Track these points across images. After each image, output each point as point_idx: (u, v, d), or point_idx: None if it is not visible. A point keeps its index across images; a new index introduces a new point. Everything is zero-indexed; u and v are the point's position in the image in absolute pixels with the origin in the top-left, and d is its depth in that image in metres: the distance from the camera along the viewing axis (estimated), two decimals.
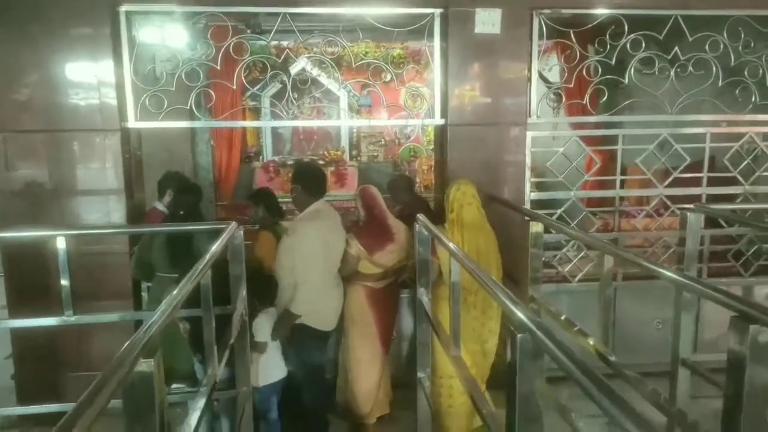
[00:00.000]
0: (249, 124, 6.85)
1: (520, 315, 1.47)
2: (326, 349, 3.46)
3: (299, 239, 3.19)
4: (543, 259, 3.16)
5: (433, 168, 8.77)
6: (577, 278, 4.11)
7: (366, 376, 3.60)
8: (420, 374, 3.08)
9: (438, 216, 3.77)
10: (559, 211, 3.95)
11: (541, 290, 3.14)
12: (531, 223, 3.00)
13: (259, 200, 3.69)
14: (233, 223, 2.84)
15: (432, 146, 9.53)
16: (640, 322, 4.14)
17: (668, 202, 4.08)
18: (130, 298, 3.66)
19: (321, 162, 8.99)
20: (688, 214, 2.86)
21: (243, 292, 2.94)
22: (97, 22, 3.48)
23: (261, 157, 8.79)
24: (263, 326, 3.26)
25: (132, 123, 3.66)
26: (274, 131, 9.22)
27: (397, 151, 9.52)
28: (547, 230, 3.11)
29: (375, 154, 9.49)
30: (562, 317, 3.02)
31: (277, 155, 8.90)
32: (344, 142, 9.35)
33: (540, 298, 3.11)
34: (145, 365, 1.25)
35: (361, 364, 3.59)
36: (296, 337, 3.32)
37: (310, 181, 3.35)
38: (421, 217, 2.98)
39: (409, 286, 4.07)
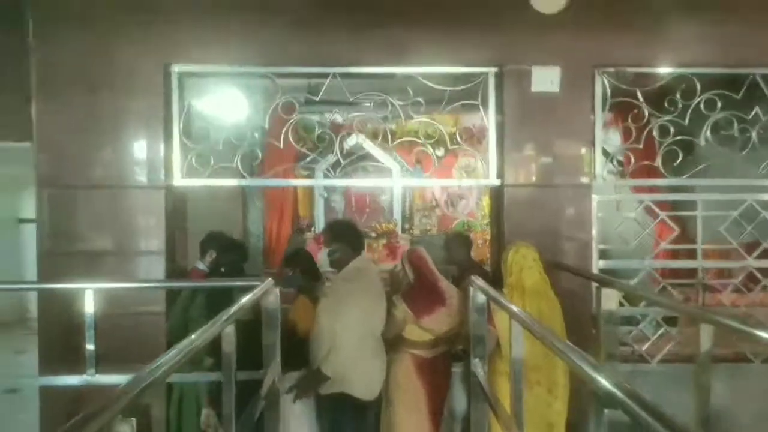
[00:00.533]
0: (298, 182, 6.65)
1: (606, 383, 1.14)
2: (365, 423, 3.09)
3: (340, 298, 2.96)
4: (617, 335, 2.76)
5: (488, 241, 8.52)
6: (656, 359, 3.62)
7: None
8: None
9: (495, 282, 3.44)
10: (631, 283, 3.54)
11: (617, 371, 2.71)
12: (603, 290, 2.64)
13: (297, 262, 3.48)
14: (269, 280, 2.62)
15: (487, 221, 9.27)
16: (736, 413, 3.56)
17: (759, 275, 3.61)
18: None
19: (373, 235, 8.83)
20: None
21: (277, 358, 2.67)
22: (150, 81, 3.49)
23: (312, 228, 8.69)
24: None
25: (177, 180, 3.57)
26: (327, 204, 9.17)
27: (451, 224, 9.28)
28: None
29: (428, 227, 9.26)
30: None
31: None
32: (397, 215, 9.19)
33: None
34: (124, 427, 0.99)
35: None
36: (330, 406, 3.02)
37: (349, 236, 3.16)
38: (476, 279, 2.68)
39: (462, 358, 3.69)
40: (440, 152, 8.61)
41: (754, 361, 3.59)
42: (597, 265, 3.59)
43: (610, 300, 2.63)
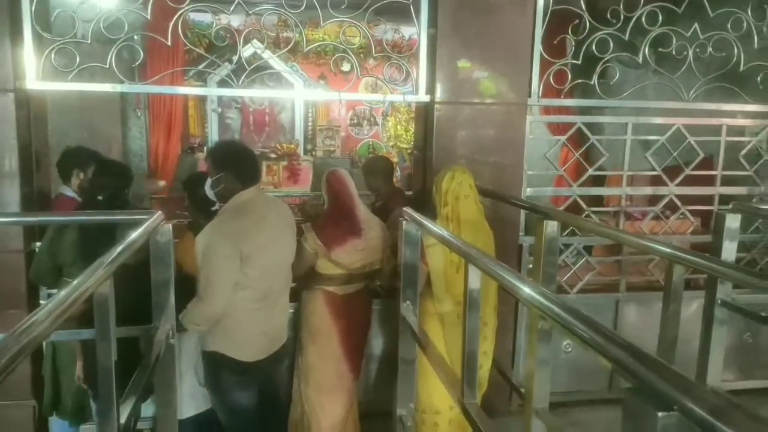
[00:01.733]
0: (186, 90, 5.65)
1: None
2: (251, 385, 2.56)
3: (209, 241, 2.35)
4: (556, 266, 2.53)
5: (395, 164, 8.20)
6: (575, 288, 3.53)
7: (329, 407, 2.88)
8: (400, 411, 2.41)
9: (422, 212, 3.10)
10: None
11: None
12: (546, 222, 2.37)
13: (190, 187, 2.80)
14: (158, 213, 2.08)
15: (392, 142, 8.93)
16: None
17: (678, 203, 3.55)
18: (25, 308, 2.82)
19: (273, 156, 8.22)
20: (727, 215, 2.29)
21: (171, 305, 2.19)
22: None
23: (205, 148, 7.91)
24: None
25: (32, 83, 2.82)
26: (221, 121, 8.38)
27: (355, 146, 8.86)
28: None
29: (332, 149, 8.78)
30: None
31: None
32: (298, 135, 8.62)
33: None
34: None
35: (323, 391, 2.86)
36: (208, 370, 2.54)
37: (236, 163, 2.46)
38: (407, 209, 2.31)
39: (380, 295, 3.39)
40: (347, 68, 8.13)
41: None
42: (525, 192, 3.35)
43: (553, 232, 2.37)
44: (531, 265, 3.20)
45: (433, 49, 3.08)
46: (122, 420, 1.58)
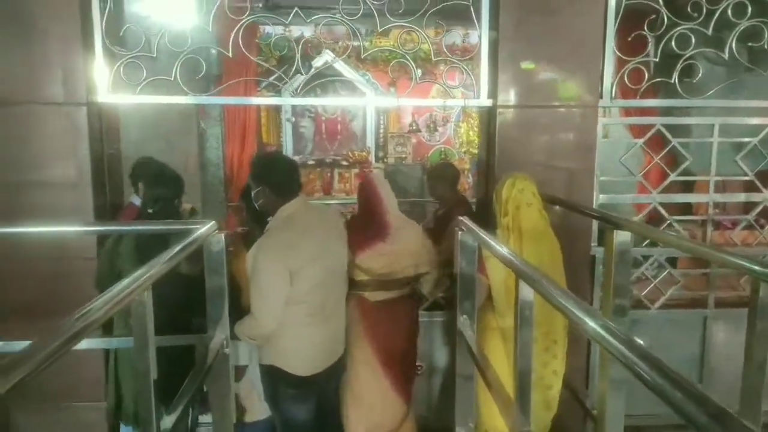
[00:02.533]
0: (258, 101, 5.66)
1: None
2: (307, 399, 2.52)
3: (256, 258, 2.33)
4: (630, 280, 2.33)
5: (467, 171, 8.03)
6: (657, 304, 3.25)
7: (361, 422, 2.74)
8: (459, 429, 2.31)
9: (483, 221, 2.97)
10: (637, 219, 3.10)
11: (627, 323, 2.30)
12: (616, 233, 2.18)
13: (246, 198, 2.77)
14: (211, 223, 2.09)
15: (465, 149, 8.75)
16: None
17: None
18: None
19: (345, 163, 8.29)
20: None
21: (225, 314, 2.18)
22: None
23: None
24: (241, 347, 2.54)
25: (103, 96, 2.93)
26: (296, 129, 8.56)
27: (427, 153, 8.77)
28: None
29: (403, 156, 8.74)
30: None
31: (297, 155, 8.20)
32: (370, 143, 8.64)
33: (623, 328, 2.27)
34: None
35: (357, 404, 2.74)
36: (265, 383, 2.54)
37: (272, 176, 2.43)
38: (464, 219, 2.20)
39: (444, 307, 3.28)
40: (417, 73, 8.06)
41: None
42: (597, 200, 3.13)
43: (624, 243, 2.17)
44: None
45: (495, 51, 2.93)
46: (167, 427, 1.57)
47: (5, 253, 2.82)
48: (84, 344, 2.07)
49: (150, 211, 2.64)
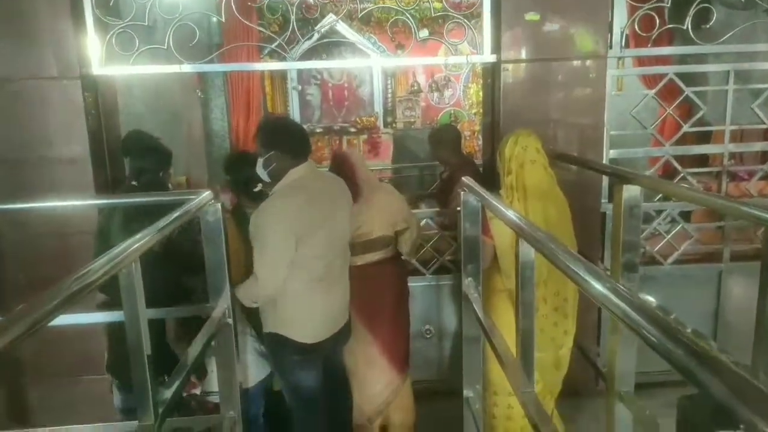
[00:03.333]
0: (260, 66, 5.36)
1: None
2: (314, 366, 2.49)
3: (262, 221, 2.28)
4: (639, 236, 2.25)
5: (476, 133, 7.90)
6: (670, 259, 3.18)
7: (363, 389, 2.74)
8: (467, 392, 2.30)
9: (490, 182, 2.90)
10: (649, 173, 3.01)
11: (637, 280, 2.24)
12: (625, 187, 2.10)
13: (231, 169, 2.72)
14: (207, 192, 2.04)
15: (475, 110, 8.59)
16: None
17: None
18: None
19: (353, 130, 8.19)
20: None
21: (226, 284, 2.16)
22: None
23: None
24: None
25: (96, 68, 2.88)
26: (302, 97, 8.44)
27: (437, 116, 8.62)
28: None
29: (412, 120, 8.60)
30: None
31: (305, 123, 8.11)
32: (378, 108, 8.50)
33: (632, 287, 2.21)
34: None
35: (353, 373, 2.73)
36: (270, 350, 2.53)
37: (285, 139, 2.37)
38: (466, 179, 2.14)
39: (452, 270, 3.24)
40: (423, 33, 7.89)
41: None
42: (607, 155, 3.03)
43: (633, 197, 2.09)
44: None
45: (498, 3, 2.81)
46: (165, 398, 1.56)
47: (5, 231, 2.82)
48: (75, 318, 2.07)
49: (134, 183, 2.59)
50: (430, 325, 3.29)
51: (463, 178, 2.20)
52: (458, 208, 2.24)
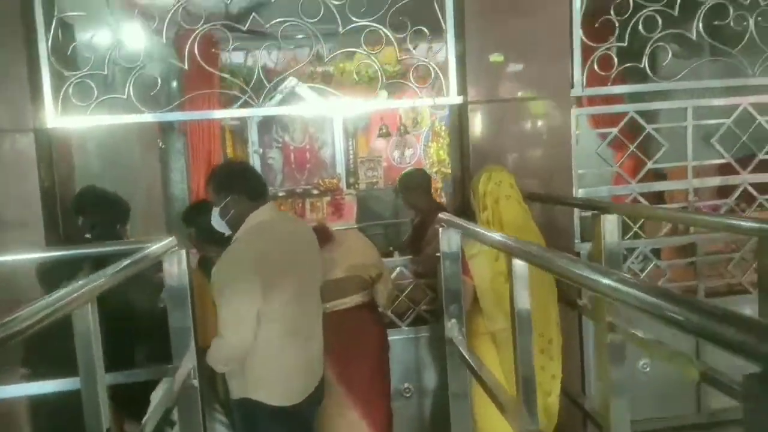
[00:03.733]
0: (221, 113, 5.03)
1: None
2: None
3: (225, 271, 2.09)
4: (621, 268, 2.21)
5: (440, 190, 7.95)
6: None
7: None
8: None
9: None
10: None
11: (622, 312, 2.17)
12: (604, 218, 2.06)
13: (192, 219, 2.59)
14: (170, 239, 1.90)
15: (436, 168, 8.70)
16: None
17: (755, 193, 3.15)
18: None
19: (315, 192, 8.15)
20: None
21: (191, 342, 1.98)
22: None
23: None
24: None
25: (52, 120, 2.75)
26: (264, 162, 8.38)
27: (398, 176, 8.67)
28: None
29: (374, 180, 8.63)
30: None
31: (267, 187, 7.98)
32: (340, 170, 8.52)
33: (620, 324, 2.14)
34: None
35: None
36: (241, 420, 2.25)
37: (241, 180, 2.20)
38: (444, 215, 2.07)
39: (429, 321, 3.11)
40: (383, 95, 8.08)
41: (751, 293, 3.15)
42: (576, 194, 3.03)
43: (612, 229, 2.06)
44: None
45: (462, 45, 2.85)
46: None
47: None
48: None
49: (88, 236, 2.41)
50: (409, 383, 3.11)
51: (439, 215, 2.13)
52: (437, 254, 2.13)
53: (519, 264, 1.33)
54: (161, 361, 1.94)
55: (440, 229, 2.04)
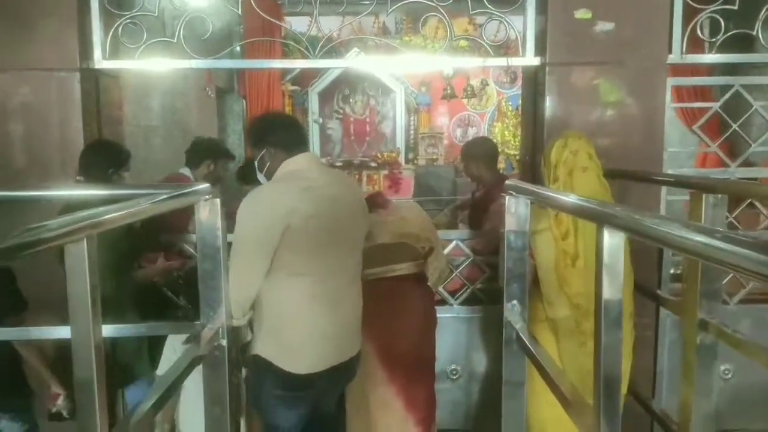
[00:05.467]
0: (275, 63, 4.60)
1: None
2: (299, 404, 1.98)
3: (243, 208, 1.89)
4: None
5: (505, 170, 7.57)
6: (736, 298, 2.76)
7: (372, 425, 2.27)
8: None
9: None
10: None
11: (720, 311, 1.84)
12: (706, 198, 1.73)
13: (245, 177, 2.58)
14: (205, 186, 1.70)
15: (500, 149, 8.32)
16: None
17: None
18: None
19: (373, 165, 7.96)
20: None
21: (221, 298, 1.79)
22: None
23: None
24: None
25: (99, 62, 2.62)
26: (323, 132, 8.27)
27: (459, 154, 8.37)
28: None
29: (434, 157, 8.36)
30: None
31: (324, 157, 7.92)
32: (400, 144, 8.29)
33: (718, 322, 1.81)
34: None
35: (358, 413, 2.26)
36: (252, 377, 2.05)
37: (278, 131, 2.02)
38: (512, 181, 1.79)
39: (483, 301, 2.85)
40: (449, 71, 7.76)
41: None
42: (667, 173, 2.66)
43: (719, 208, 1.72)
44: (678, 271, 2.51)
45: None
46: None
47: None
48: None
49: (79, 178, 2.27)
50: (457, 365, 2.87)
51: (507, 182, 1.85)
52: (500, 228, 1.86)
53: (614, 236, 1.04)
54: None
55: (507, 197, 1.77)
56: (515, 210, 1.75)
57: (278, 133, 2.02)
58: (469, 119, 8.63)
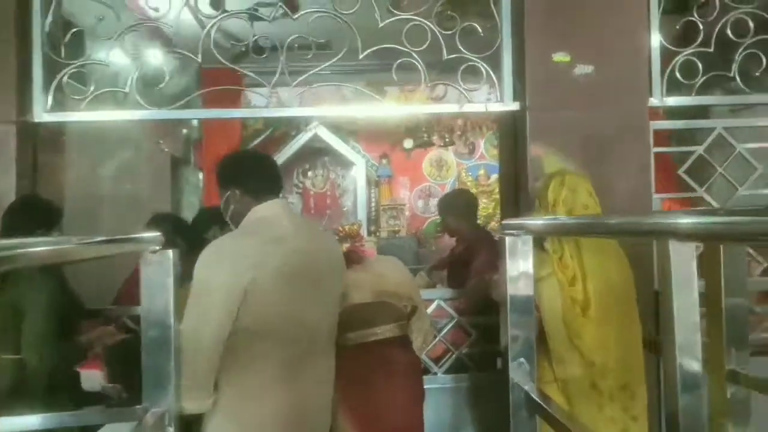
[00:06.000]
0: (238, 113, 4.02)
1: None
2: None
3: (198, 268, 1.62)
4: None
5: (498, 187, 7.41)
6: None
7: None
8: None
9: None
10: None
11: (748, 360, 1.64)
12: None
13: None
14: (156, 234, 1.42)
15: None
16: None
17: None
18: None
19: (335, 237, 7.73)
20: None
21: (170, 376, 1.46)
22: None
23: None
24: None
25: (39, 114, 2.37)
26: None
27: (421, 226, 8.29)
28: None
29: (396, 228, 8.24)
30: None
31: None
32: (361, 216, 8.15)
33: (748, 372, 1.60)
34: None
35: None
36: None
37: (245, 172, 1.79)
38: (510, 220, 1.60)
39: (469, 368, 2.58)
40: (408, 144, 7.86)
41: None
42: None
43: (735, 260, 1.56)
44: None
45: (521, 42, 2.43)
46: None
47: None
48: None
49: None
50: None
51: (504, 221, 1.65)
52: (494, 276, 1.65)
53: (682, 250, 0.83)
54: None
55: (506, 238, 1.56)
56: (517, 251, 1.54)
57: (247, 174, 1.78)
58: (430, 190, 8.61)
